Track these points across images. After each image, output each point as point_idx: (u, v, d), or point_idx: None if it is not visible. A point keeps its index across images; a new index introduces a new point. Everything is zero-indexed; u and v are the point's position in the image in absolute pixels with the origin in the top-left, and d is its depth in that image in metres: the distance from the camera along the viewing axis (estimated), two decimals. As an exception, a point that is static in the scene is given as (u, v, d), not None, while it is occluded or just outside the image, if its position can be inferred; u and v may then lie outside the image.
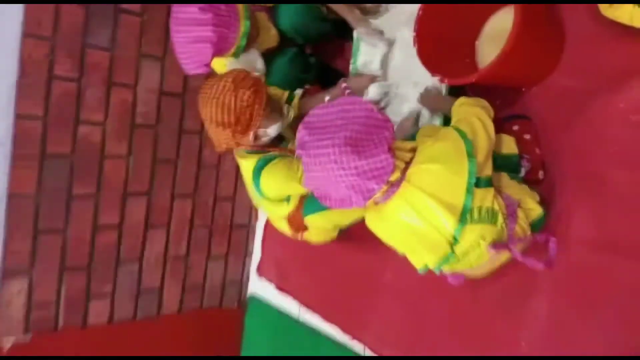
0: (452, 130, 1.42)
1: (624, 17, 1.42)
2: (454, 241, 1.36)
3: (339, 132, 1.29)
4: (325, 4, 1.99)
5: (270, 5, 1.94)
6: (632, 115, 1.46)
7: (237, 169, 1.95)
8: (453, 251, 1.37)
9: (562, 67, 1.63)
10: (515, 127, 1.67)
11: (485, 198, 1.37)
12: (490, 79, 1.57)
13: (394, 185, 1.36)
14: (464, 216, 1.33)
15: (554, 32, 1.62)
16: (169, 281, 2.43)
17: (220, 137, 1.65)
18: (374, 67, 1.97)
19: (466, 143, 1.37)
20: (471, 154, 1.36)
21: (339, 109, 1.36)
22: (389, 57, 1.94)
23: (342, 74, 2.15)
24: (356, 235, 2.00)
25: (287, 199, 1.86)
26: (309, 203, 1.81)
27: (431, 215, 1.34)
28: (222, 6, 1.65)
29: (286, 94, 1.99)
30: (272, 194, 1.82)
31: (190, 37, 1.66)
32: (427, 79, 1.74)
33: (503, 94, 1.76)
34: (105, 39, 2.09)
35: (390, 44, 1.90)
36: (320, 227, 1.90)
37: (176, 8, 1.68)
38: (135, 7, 2.14)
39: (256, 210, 2.65)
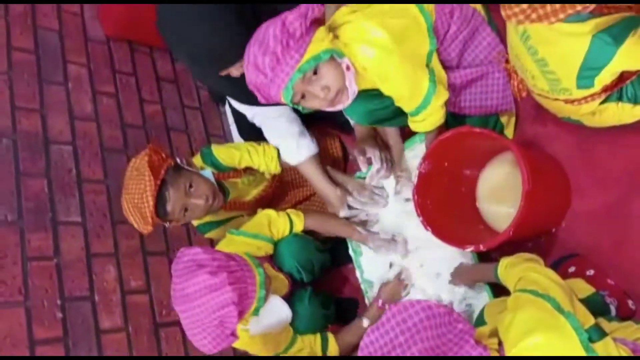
0: (522, 294, 1.21)
1: (611, 119, 1.40)
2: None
3: (410, 350, 1.05)
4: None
5: (270, 253, 1.81)
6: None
7: None
8: None
9: (578, 192, 1.54)
10: (572, 269, 1.49)
11: (609, 349, 1.10)
12: (520, 231, 1.44)
13: (500, 383, 1.08)
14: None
15: (551, 163, 1.58)
16: None
17: None
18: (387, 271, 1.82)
19: (546, 300, 1.16)
20: (560, 309, 1.13)
21: (392, 323, 1.12)
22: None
23: (355, 300, 1.99)
24: None
25: None
26: None
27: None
28: (232, 262, 1.48)
29: (318, 338, 1.74)
30: None
31: (210, 308, 1.40)
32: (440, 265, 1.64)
33: (536, 245, 1.61)
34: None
35: (404, 243, 1.78)
36: None
37: (180, 285, 1.45)
38: (117, 322, 1.94)
39: None
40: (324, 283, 2.11)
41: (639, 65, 1.21)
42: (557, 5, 1.03)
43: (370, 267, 1.88)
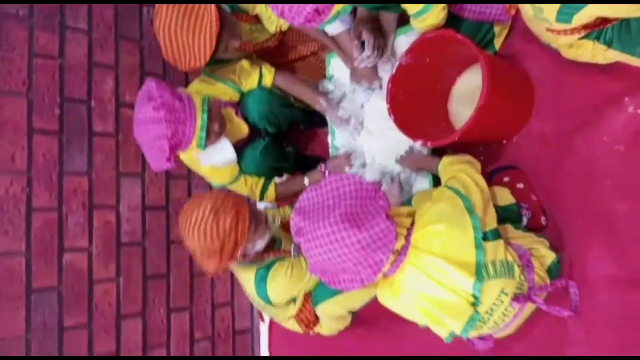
0: (446, 190, 1.41)
1: (585, 55, 1.48)
2: (475, 301, 1.29)
3: (333, 211, 1.26)
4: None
5: (235, 100, 2.00)
6: (616, 145, 1.48)
7: (232, 272, 1.88)
8: (477, 311, 1.31)
9: (538, 113, 1.67)
10: (506, 179, 1.68)
11: (497, 251, 1.34)
12: (470, 136, 1.59)
13: (401, 254, 1.32)
14: (480, 272, 1.28)
15: (522, 82, 1.68)
16: (177, 405, 2.25)
17: (208, 264, 1.65)
18: (354, 147, 1.99)
19: (463, 200, 1.36)
20: (471, 210, 1.34)
21: (327, 188, 1.34)
22: (366, 133, 1.97)
23: (321, 159, 2.18)
24: (368, 318, 1.92)
25: (294, 299, 1.81)
26: (318, 292, 1.76)
27: (446, 278, 1.29)
28: (177, 102, 1.70)
29: (261, 181, 2.02)
30: (280, 299, 1.79)
31: (149, 135, 1.70)
32: (405, 147, 1.78)
33: (485, 150, 1.77)
34: (82, 164, 2.08)
35: (360, 125, 1.94)
36: (332, 315, 1.82)
37: (135, 109, 1.75)
38: (108, 128, 2.15)
39: (259, 312, 2.53)
40: (298, 139, 2.31)
41: (614, 13, 1.27)
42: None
43: (342, 136, 2.05)
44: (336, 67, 2.06)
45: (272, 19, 1.98)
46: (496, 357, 1.51)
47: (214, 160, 1.92)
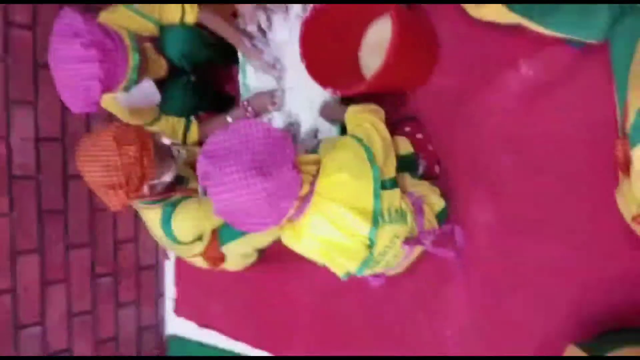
0: (350, 139, 1.47)
1: (490, 15, 1.55)
2: (370, 244, 1.40)
3: (241, 157, 1.28)
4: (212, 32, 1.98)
5: (155, 35, 1.88)
6: (508, 104, 1.61)
7: (134, 208, 1.86)
8: (371, 253, 1.41)
9: (441, 68, 1.75)
10: (407, 129, 1.76)
11: (393, 199, 1.43)
12: (377, 87, 1.64)
13: (305, 200, 1.38)
14: (376, 219, 1.38)
15: (429, 37, 1.74)
16: (77, 339, 2.24)
17: (112, 199, 1.54)
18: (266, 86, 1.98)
19: (365, 150, 1.43)
20: (372, 160, 1.41)
21: (237, 133, 1.34)
22: (283, 80, 1.95)
23: (234, 98, 2.14)
24: (272, 255, 1.99)
25: (200, 237, 1.81)
26: (225, 232, 1.77)
27: (345, 223, 1.37)
28: (107, 40, 1.57)
29: (182, 121, 1.94)
30: (186, 237, 1.77)
31: (75, 74, 1.55)
32: (322, 96, 1.79)
33: (390, 100, 1.84)
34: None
35: (282, 71, 1.92)
36: (239, 254, 1.87)
37: (56, 45, 1.57)
38: (-5, 49, 1.97)
39: (163, 249, 2.54)
40: (207, 73, 2.25)
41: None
42: None
43: (253, 75, 2.02)
44: None
45: None
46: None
47: (134, 100, 1.78)
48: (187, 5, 1.87)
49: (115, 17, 1.76)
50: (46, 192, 2.14)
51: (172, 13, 1.85)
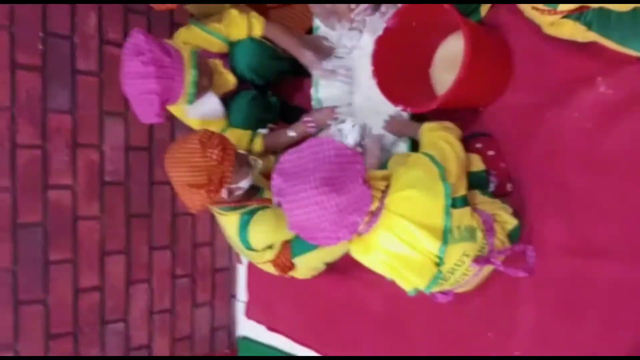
0: (423, 156, 1.49)
1: (565, 33, 1.53)
2: (439, 261, 1.41)
3: (313, 174, 1.33)
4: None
5: (224, 52, 1.99)
6: (585, 122, 1.57)
7: (211, 213, 1.97)
8: (440, 271, 1.43)
9: (514, 85, 1.73)
10: (479, 145, 1.76)
11: (463, 217, 1.44)
12: (449, 104, 1.65)
13: (375, 215, 1.41)
14: (446, 237, 1.39)
15: (502, 53, 1.72)
16: (157, 336, 2.40)
17: (194, 199, 1.66)
18: (337, 101, 2.03)
19: (438, 167, 1.44)
20: (444, 178, 1.43)
21: (308, 151, 1.39)
22: (351, 92, 2.00)
23: (304, 110, 2.21)
24: (341, 265, 2.04)
25: (270, 245, 1.89)
26: (297, 244, 1.84)
27: (414, 240, 1.40)
28: (165, 57, 1.71)
29: (248, 133, 2.04)
30: (259, 245, 1.86)
31: (137, 89, 1.72)
32: (390, 109, 1.81)
33: (462, 116, 1.84)
34: (65, 101, 2.08)
35: (348, 81, 1.96)
36: (309, 266, 1.93)
37: (123, 62, 1.74)
38: (91, 66, 2.14)
39: (236, 253, 2.65)
40: (279, 86, 2.34)
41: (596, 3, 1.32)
42: None
43: (326, 89, 2.08)
44: None
45: None
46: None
47: (199, 113, 1.95)
48: (253, 18, 1.97)
49: (188, 34, 1.92)
50: (134, 197, 2.30)
51: (238, 29, 1.96)
